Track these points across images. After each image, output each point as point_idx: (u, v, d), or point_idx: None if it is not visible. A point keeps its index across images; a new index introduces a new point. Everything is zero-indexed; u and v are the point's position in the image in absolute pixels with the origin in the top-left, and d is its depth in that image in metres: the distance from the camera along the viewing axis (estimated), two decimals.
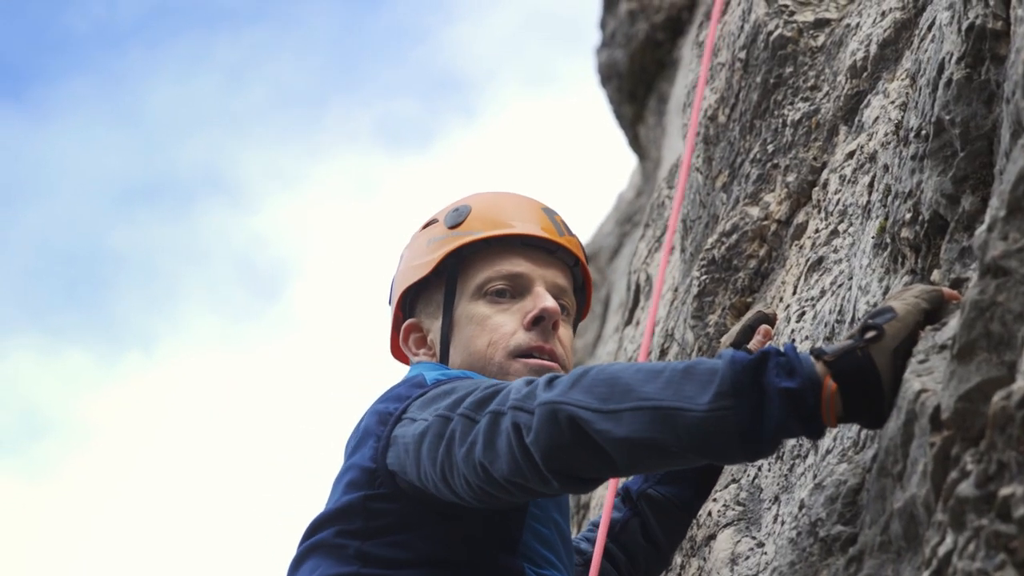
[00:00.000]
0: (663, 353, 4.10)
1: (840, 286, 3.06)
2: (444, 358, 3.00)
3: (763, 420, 2.18)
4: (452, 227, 3.06)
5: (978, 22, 2.39)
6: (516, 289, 2.99)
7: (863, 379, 2.18)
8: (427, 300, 3.10)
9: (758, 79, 3.86)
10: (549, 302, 2.96)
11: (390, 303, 3.19)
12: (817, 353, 2.20)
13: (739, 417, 2.18)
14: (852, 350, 2.19)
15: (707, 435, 2.21)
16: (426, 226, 3.16)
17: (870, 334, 2.19)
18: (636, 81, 8.62)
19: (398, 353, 3.19)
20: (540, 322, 2.94)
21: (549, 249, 3.05)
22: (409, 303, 3.13)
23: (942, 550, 1.90)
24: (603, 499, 4.20)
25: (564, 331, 2.98)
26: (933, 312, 2.26)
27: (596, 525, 3.13)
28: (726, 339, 3.10)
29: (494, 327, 2.96)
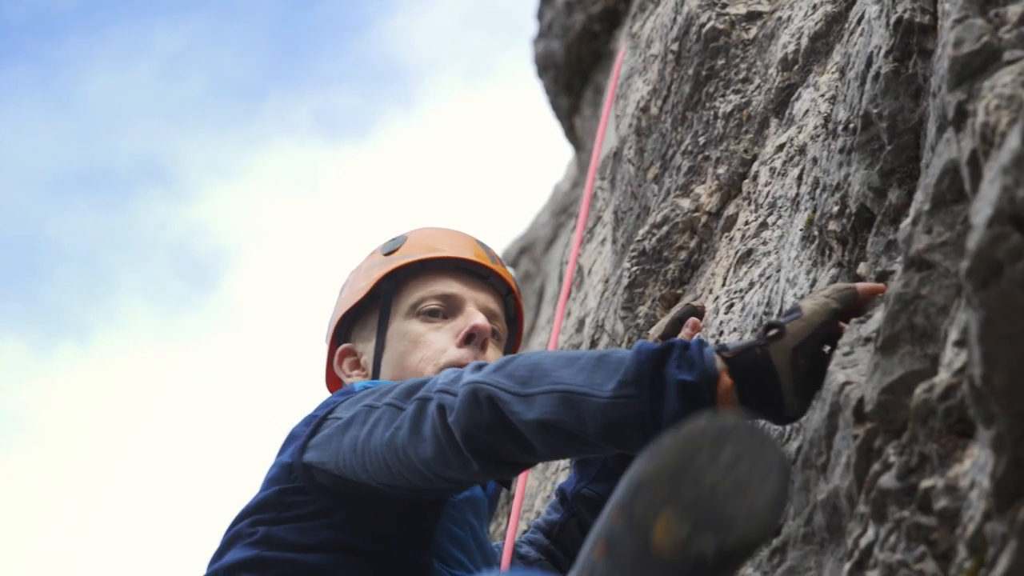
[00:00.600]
0: (593, 344, 4.10)
1: (768, 278, 3.07)
2: (376, 376, 3.07)
3: (662, 411, 2.20)
4: (388, 254, 3.17)
5: (906, 16, 2.40)
6: (449, 309, 3.09)
7: (759, 376, 2.19)
8: (362, 324, 3.19)
9: (690, 71, 3.86)
10: (480, 319, 3.05)
11: (326, 340, 3.27)
12: (720, 349, 2.22)
13: (639, 406, 2.21)
14: (751, 347, 2.21)
15: (609, 422, 2.24)
16: (365, 259, 3.27)
17: (771, 332, 2.21)
18: (572, 72, 8.62)
19: (333, 385, 3.26)
20: (472, 339, 3.02)
21: (481, 274, 3.17)
22: (345, 330, 3.22)
23: (864, 541, 1.91)
24: (544, 502, 4.20)
25: (493, 353, 3.05)
26: (845, 311, 2.27)
27: (539, 527, 3.14)
28: (654, 331, 3.11)
29: (427, 344, 3.04)
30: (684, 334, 3.05)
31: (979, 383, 1.59)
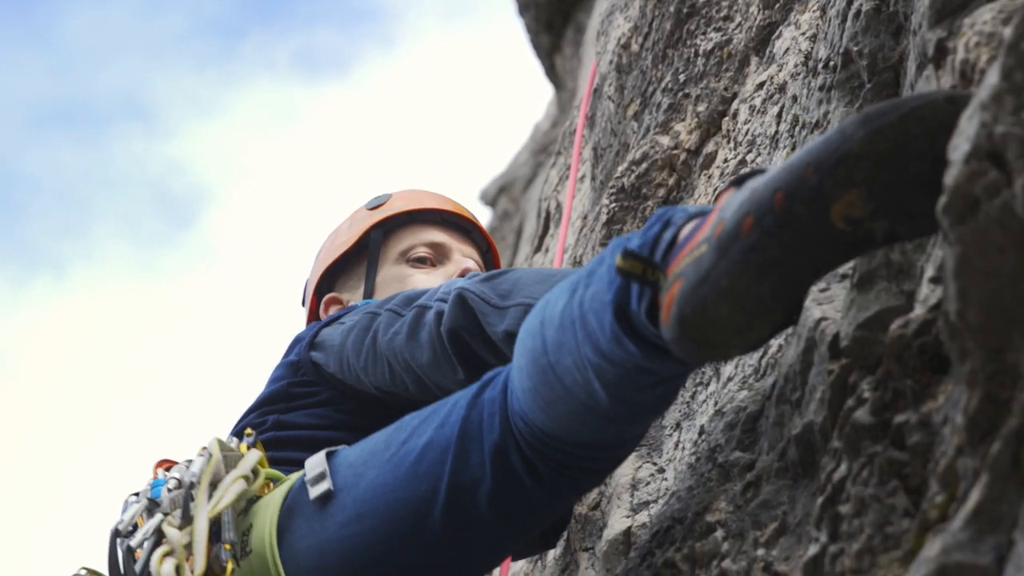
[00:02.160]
0: None
1: None
2: None
3: None
4: (373, 208, 3.29)
5: None
6: (437, 257, 3.22)
7: None
8: (347, 275, 3.28)
9: (671, 8, 3.85)
10: (472, 263, 3.20)
11: (304, 302, 3.35)
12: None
13: None
14: None
15: None
16: (346, 219, 3.37)
17: None
18: (553, 11, 8.59)
19: None
20: None
21: (465, 228, 3.31)
22: (327, 284, 3.31)
23: (837, 476, 1.92)
24: None
25: None
26: None
27: None
28: None
29: (416, 284, 3.13)
30: None
31: (954, 319, 1.59)
